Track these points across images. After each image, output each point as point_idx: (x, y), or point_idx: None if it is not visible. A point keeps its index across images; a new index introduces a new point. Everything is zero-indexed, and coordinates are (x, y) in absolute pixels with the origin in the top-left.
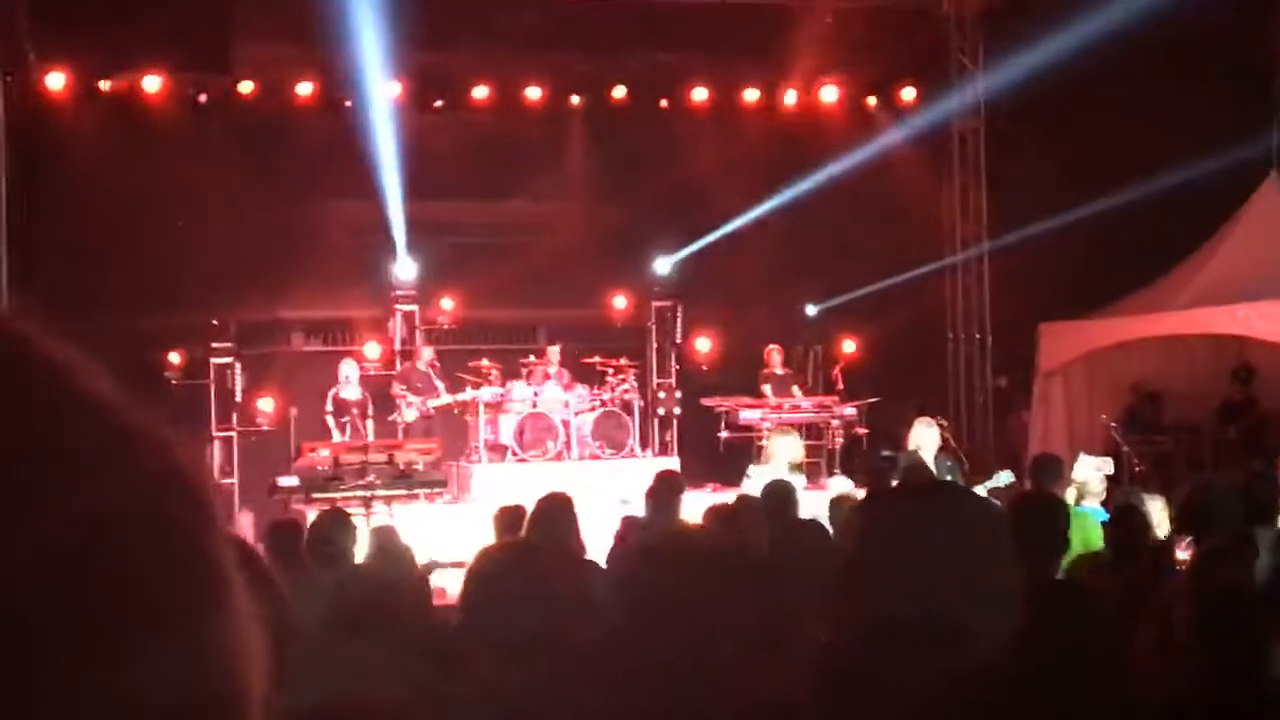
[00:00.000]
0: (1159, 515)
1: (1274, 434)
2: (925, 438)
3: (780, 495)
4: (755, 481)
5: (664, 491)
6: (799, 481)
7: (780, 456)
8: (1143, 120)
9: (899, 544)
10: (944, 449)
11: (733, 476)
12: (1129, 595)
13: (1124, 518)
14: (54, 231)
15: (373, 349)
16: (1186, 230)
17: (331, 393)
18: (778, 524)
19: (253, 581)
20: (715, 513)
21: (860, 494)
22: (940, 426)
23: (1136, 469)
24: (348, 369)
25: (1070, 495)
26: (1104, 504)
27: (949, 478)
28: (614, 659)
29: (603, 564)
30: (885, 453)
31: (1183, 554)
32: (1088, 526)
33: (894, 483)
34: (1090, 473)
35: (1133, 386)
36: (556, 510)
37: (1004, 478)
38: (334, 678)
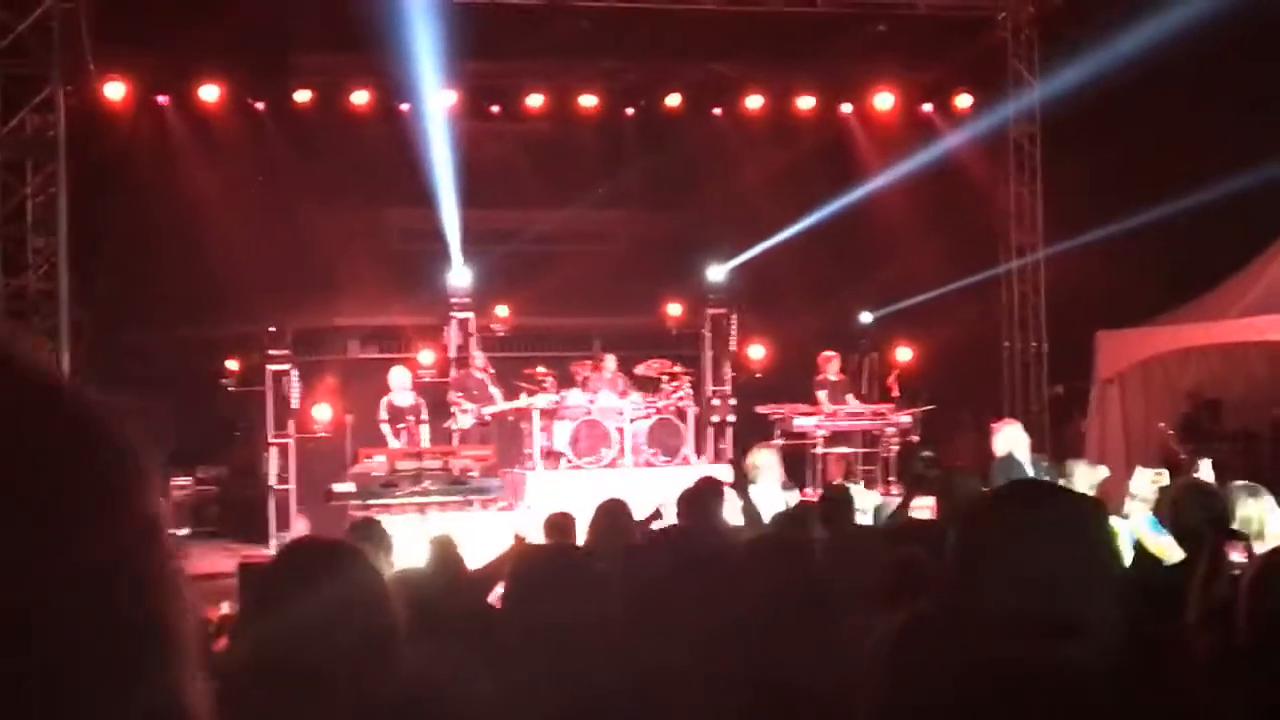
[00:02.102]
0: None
1: None
2: (1017, 439)
3: (840, 501)
4: (756, 500)
5: (702, 497)
6: (792, 498)
7: (768, 473)
8: (1199, 127)
9: (1017, 540)
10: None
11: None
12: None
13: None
14: (113, 241)
15: (427, 356)
16: (1244, 237)
17: (385, 400)
18: (836, 528)
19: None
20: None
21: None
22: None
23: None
24: (399, 376)
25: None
26: (1155, 512)
27: (1045, 478)
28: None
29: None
30: (926, 453)
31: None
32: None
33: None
34: (1144, 485)
35: (1190, 394)
36: (614, 514)
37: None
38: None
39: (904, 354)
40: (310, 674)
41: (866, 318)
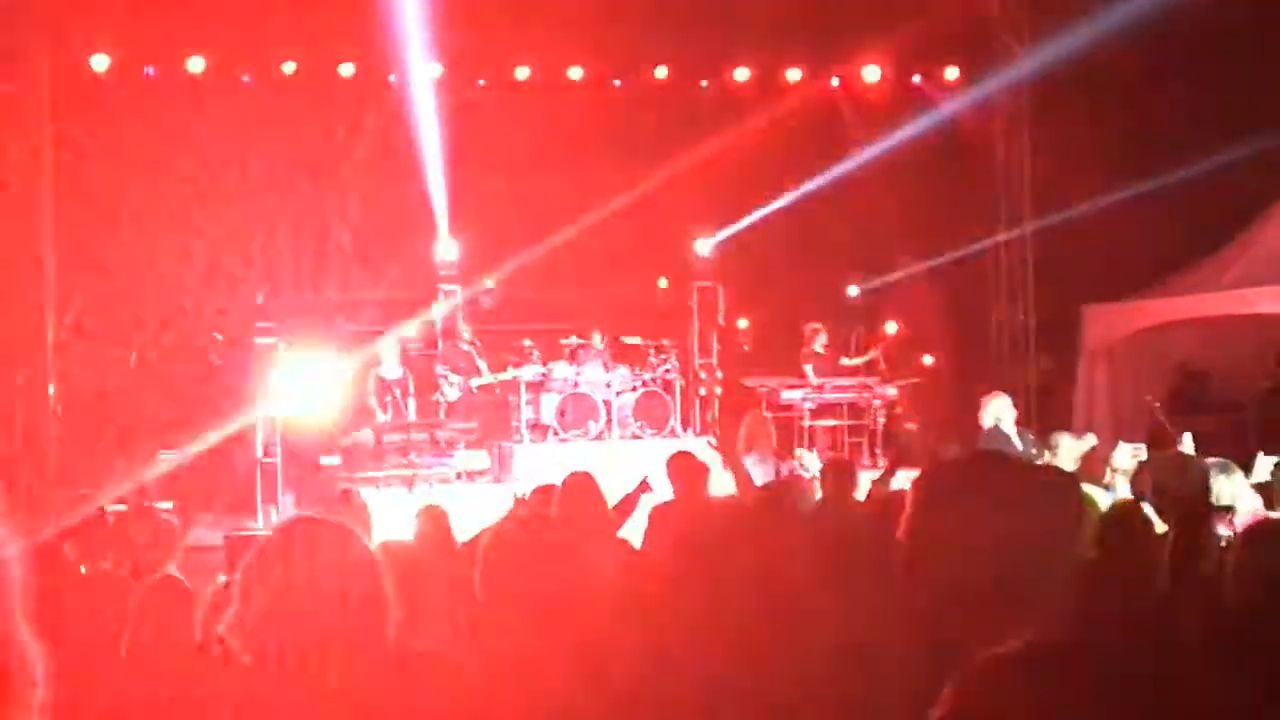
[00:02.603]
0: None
1: None
2: (1003, 410)
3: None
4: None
5: (685, 472)
6: (783, 468)
7: (764, 445)
8: (1188, 100)
9: (967, 512)
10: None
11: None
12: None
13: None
14: (99, 213)
15: (413, 328)
16: (1231, 210)
17: (372, 373)
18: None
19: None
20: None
21: None
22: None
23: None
24: (385, 348)
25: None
26: (1134, 484)
27: (1032, 450)
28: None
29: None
30: (910, 425)
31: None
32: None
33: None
34: (1125, 459)
35: (1178, 367)
36: (580, 489)
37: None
38: None
39: (890, 327)
40: (313, 643)
41: (854, 290)
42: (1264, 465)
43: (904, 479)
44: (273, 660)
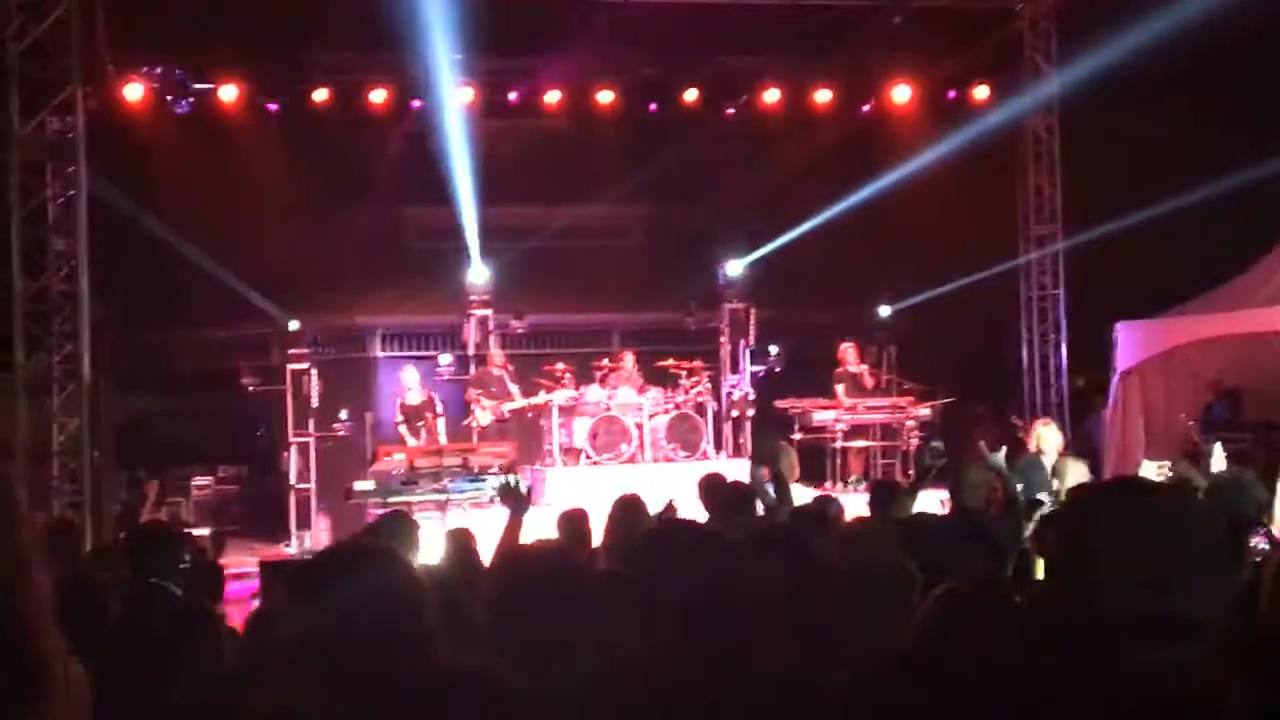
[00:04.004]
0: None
1: None
2: (1049, 439)
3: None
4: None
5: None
6: (807, 493)
7: (785, 472)
8: (1219, 116)
9: (1121, 539)
10: (1067, 449)
11: (805, 478)
12: None
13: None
14: (133, 242)
15: (445, 357)
16: (1263, 227)
17: (398, 402)
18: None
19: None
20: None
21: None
22: (1014, 427)
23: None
24: (408, 377)
25: None
26: None
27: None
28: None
29: None
30: (935, 444)
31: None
32: None
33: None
34: (1151, 477)
35: (1211, 384)
36: (630, 510)
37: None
38: None
39: (923, 347)
40: (351, 664)
41: (885, 311)
42: None
43: (929, 499)
44: (313, 686)
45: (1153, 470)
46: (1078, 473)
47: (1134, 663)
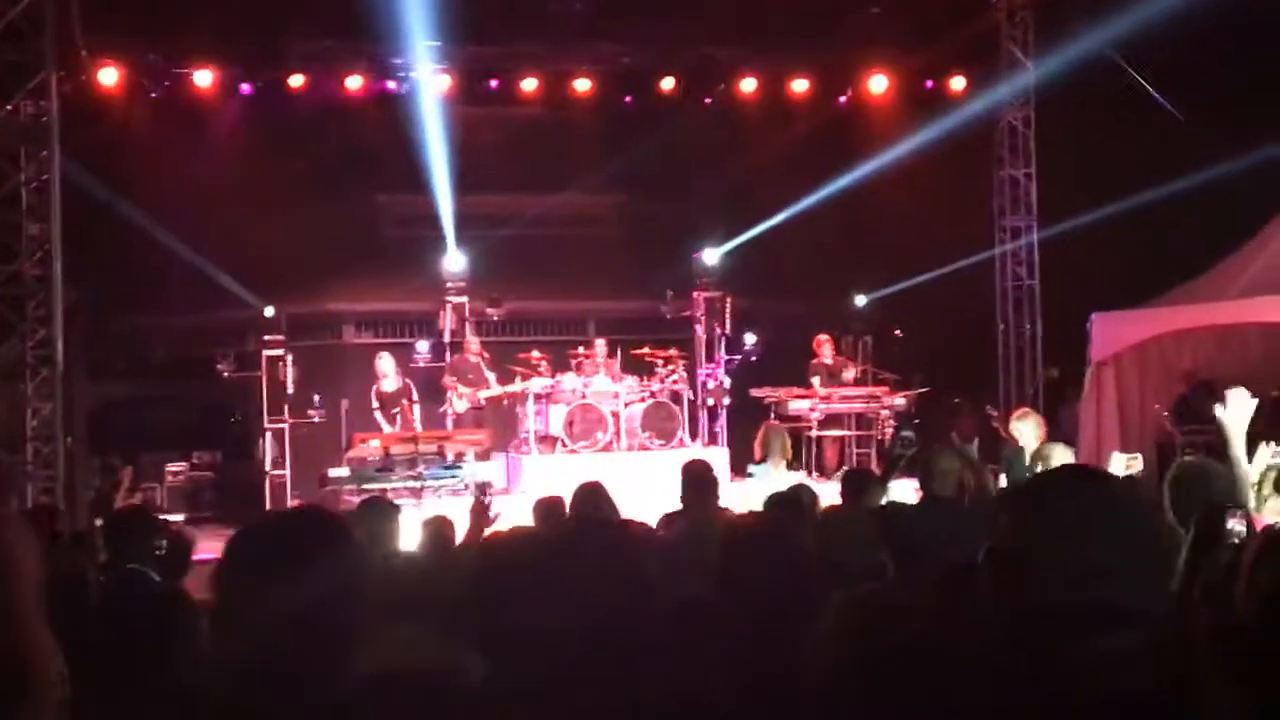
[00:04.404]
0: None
1: None
2: (1026, 432)
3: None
4: (759, 480)
5: (696, 483)
6: (795, 477)
7: (777, 454)
8: (1196, 108)
9: (1058, 530)
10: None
11: None
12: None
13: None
14: (107, 227)
15: (422, 344)
16: (1240, 218)
17: (374, 389)
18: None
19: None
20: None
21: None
22: (991, 417)
23: (1188, 459)
24: (384, 363)
25: None
26: None
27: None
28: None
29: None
30: (905, 434)
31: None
32: None
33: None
34: (1119, 469)
35: (1185, 376)
36: (593, 496)
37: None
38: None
39: (898, 337)
40: (272, 674)
41: (861, 301)
42: (1263, 455)
43: (901, 489)
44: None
45: (1121, 462)
46: (1062, 460)
47: (1073, 654)
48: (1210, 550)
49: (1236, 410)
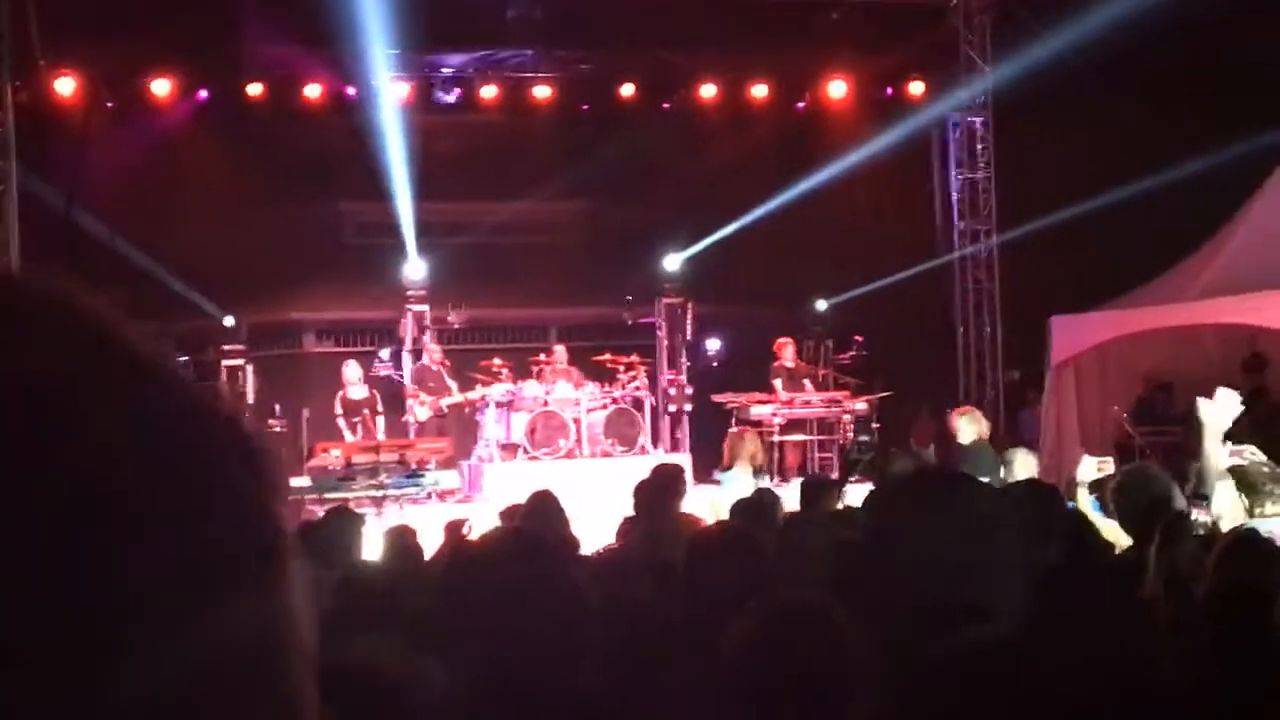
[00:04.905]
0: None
1: None
2: (965, 428)
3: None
4: (726, 486)
5: (656, 487)
6: (761, 482)
7: (745, 459)
8: (1153, 111)
9: (912, 530)
10: (990, 440)
11: None
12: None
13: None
14: (65, 237)
15: (384, 352)
16: (1197, 221)
17: (339, 395)
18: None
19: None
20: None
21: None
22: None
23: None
24: (351, 370)
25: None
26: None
27: (988, 469)
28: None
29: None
30: (863, 438)
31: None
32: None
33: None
34: (1090, 472)
35: (1144, 377)
36: (543, 505)
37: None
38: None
39: (860, 341)
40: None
41: (822, 305)
42: (1222, 454)
43: (859, 493)
44: None
45: (1092, 466)
46: (1026, 464)
47: (930, 652)
48: (1166, 548)
49: (1220, 410)
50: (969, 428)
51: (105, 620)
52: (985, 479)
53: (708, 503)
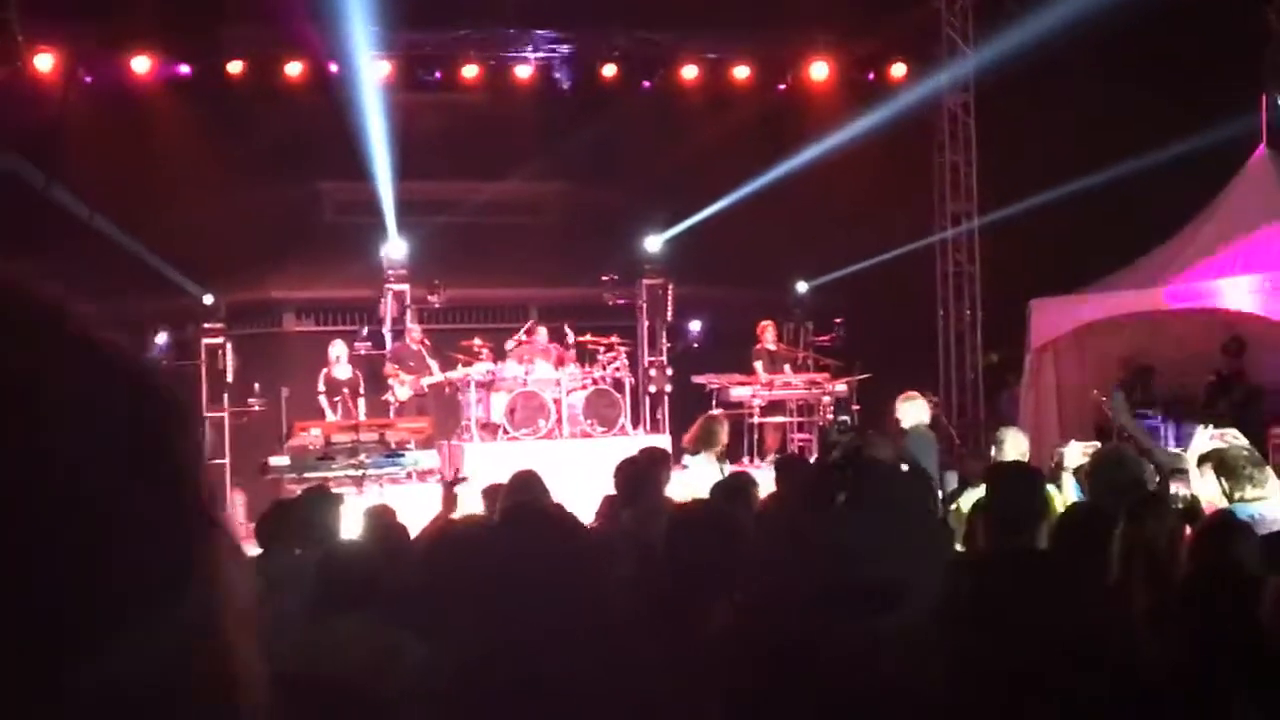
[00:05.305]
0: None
1: (1263, 406)
2: (909, 412)
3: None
4: (694, 470)
5: (644, 468)
6: (726, 469)
7: (711, 445)
8: (1132, 96)
9: (834, 517)
10: (932, 425)
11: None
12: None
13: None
14: (44, 214)
15: (364, 330)
16: (1177, 205)
17: (323, 373)
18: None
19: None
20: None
21: None
22: (931, 404)
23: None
24: (337, 349)
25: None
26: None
27: (924, 452)
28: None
29: None
30: (842, 419)
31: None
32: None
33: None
34: (1077, 457)
35: (1124, 361)
36: (526, 484)
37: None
38: (314, 655)
39: (840, 323)
40: None
41: (803, 287)
42: (1202, 438)
43: None
44: None
45: (1079, 451)
46: (1016, 444)
47: (845, 633)
48: (1143, 528)
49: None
50: (910, 412)
51: (72, 609)
52: (924, 464)
53: (680, 485)
